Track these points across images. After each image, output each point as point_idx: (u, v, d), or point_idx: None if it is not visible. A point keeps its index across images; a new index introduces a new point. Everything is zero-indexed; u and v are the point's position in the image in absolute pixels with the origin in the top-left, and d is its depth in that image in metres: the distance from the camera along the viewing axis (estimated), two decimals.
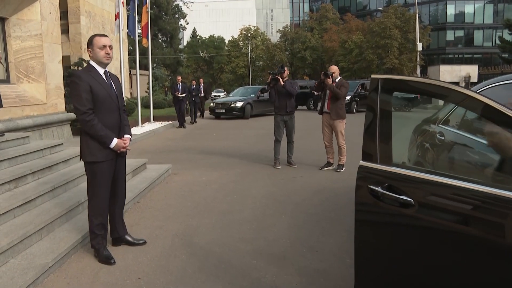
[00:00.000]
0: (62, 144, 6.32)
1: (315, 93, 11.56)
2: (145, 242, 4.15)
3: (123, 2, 13.58)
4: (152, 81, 19.63)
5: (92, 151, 3.61)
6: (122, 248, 4.04)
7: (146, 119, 16.21)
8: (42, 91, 10.41)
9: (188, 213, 5.21)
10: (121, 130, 3.80)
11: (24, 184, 4.72)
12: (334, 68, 7.79)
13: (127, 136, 3.84)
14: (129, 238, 4.08)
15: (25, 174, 4.77)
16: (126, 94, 17.11)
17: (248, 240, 4.29)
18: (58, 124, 10.93)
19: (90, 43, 3.66)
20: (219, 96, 48.04)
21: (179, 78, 16.64)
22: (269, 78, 8.16)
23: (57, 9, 11.04)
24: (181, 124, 16.02)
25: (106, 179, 3.70)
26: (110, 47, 3.68)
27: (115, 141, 3.65)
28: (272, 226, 4.73)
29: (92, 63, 3.69)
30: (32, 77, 10.22)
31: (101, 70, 3.70)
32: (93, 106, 3.55)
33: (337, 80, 7.60)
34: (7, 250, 3.41)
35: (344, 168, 7.63)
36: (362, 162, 2.40)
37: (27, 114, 9.49)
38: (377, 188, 2.29)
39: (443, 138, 3.86)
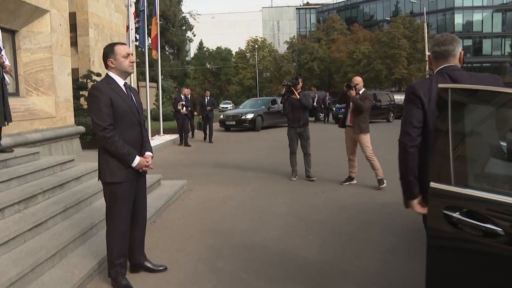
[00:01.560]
0: (73, 160, 6.02)
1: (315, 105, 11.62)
2: (166, 269, 3.81)
3: (134, 14, 13.39)
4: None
5: (112, 170, 3.30)
6: (141, 275, 3.70)
7: (155, 132, 15.94)
8: (51, 104, 10.17)
9: (208, 233, 4.88)
10: (143, 147, 3.49)
11: (35, 204, 4.42)
12: (358, 80, 7.40)
13: (148, 153, 3.53)
14: (149, 265, 3.75)
15: (36, 193, 4.46)
16: None
17: (277, 264, 3.95)
18: (68, 138, 10.67)
19: (110, 52, 3.36)
20: (227, 108, 47.94)
21: (186, 90, 15.10)
22: (283, 90, 7.91)
23: (67, 21, 10.85)
24: (184, 142, 14.13)
25: (127, 201, 3.39)
26: (133, 55, 3.41)
27: (137, 159, 3.35)
28: (300, 248, 4.39)
29: (112, 74, 3.40)
30: (42, 90, 9.99)
31: (121, 82, 3.41)
32: (113, 121, 3.26)
33: (360, 92, 7.22)
34: (17, 281, 3.08)
35: (385, 183, 6.98)
36: (433, 184, 2.07)
37: (36, 128, 9.24)
38: (454, 214, 1.96)
39: None
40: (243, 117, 19.12)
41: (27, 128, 8.87)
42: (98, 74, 15.48)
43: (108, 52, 3.39)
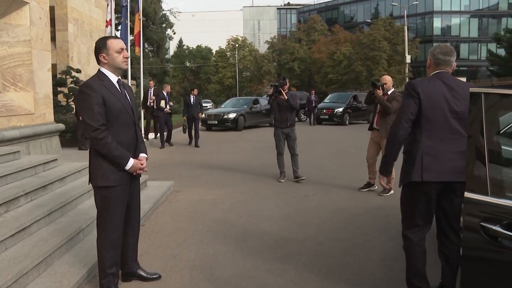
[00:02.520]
0: (56, 159, 5.72)
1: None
2: (160, 277, 3.58)
3: (115, 9, 13.02)
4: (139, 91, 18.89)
5: (104, 173, 3.05)
6: (134, 284, 3.47)
7: None
8: (30, 101, 9.75)
9: (201, 238, 4.66)
10: (137, 148, 3.26)
11: (17, 207, 4.12)
12: (387, 79, 6.79)
13: (143, 155, 3.30)
14: (142, 273, 3.51)
15: (18, 195, 4.17)
16: None
17: (276, 272, 3.76)
18: (47, 136, 10.25)
19: (103, 47, 3.11)
20: (206, 107, 47.51)
21: (168, 87, 14.12)
22: (271, 90, 7.76)
23: (47, 15, 10.43)
24: (167, 140, 13.21)
25: (120, 206, 3.15)
26: (126, 50, 3.17)
27: (131, 162, 3.12)
28: (298, 254, 4.21)
29: (104, 70, 3.15)
30: (20, 86, 9.56)
31: (114, 79, 3.16)
32: (106, 121, 3.02)
33: (389, 93, 6.68)
34: None
35: (391, 191, 6.61)
36: (468, 194, 1.91)
37: (14, 125, 8.82)
38: (493, 227, 1.80)
39: None
40: (225, 117, 18.82)
41: (4, 125, 8.46)
42: (78, 70, 15.06)
43: (101, 46, 3.14)
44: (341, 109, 22.66)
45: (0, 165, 4.85)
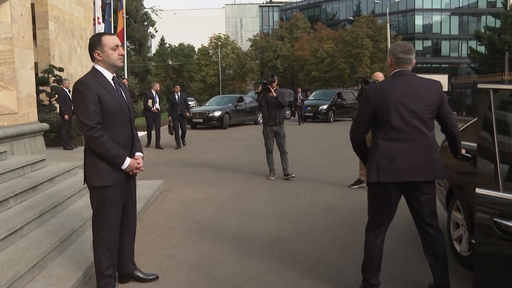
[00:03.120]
0: (44, 159, 5.59)
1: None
2: (157, 277, 3.52)
3: (101, 7, 12.83)
4: None
5: (100, 173, 2.98)
6: (131, 286, 3.40)
7: None
8: (13, 100, 9.53)
9: (195, 238, 4.60)
10: (133, 147, 3.19)
11: (6, 209, 4.01)
12: (378, 75, 6.69)
13: (139, 154, 3.23)
14: (139, 274, 3.44)
15: (7, 197, 4.06)
16: None
17: (275, 271, 3.73)
18: (31, 136, 10.05)
19: (97, 43, 3.02)
20: (189, 105, 47.21)
21: (157, 85, 12.88)
22: (259, 88, 7.73)
23: (29, 12, 10.21)
24: (156, 144, 12.35)
25: (116, 206, 3.08)
26: (122, 47, 3.10)
27: (128, 161, 3.04)
28: (295, 253, 4.18)
29: (99, 67, 3.06)
30: (2, 84, 9.34)
31: (109, 76, 3.08)
32: (101, 120, 2.94)
33: None
34: None
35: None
36: (479, 190, 1.90)
37: None
38: (507, 223, 1.79)
39: None
40: (210, 115, 18.73)
41: None
42: (61, 69, 14.82)
43: (95, 43, 3.05)
44: (325, 106, 22.74)
45: None
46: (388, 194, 3.00)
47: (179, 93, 12.60)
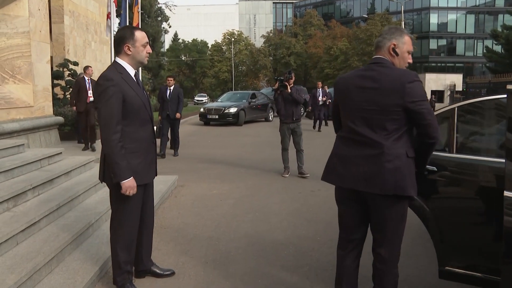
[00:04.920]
0: (61, 153, 5.62)
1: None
2: (173, 273, 3.51)
3: (115, 1, 12.84)
4: None
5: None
6: (147, 280, 3.39)
7: None
8: (29, 93, 9.61)
9: (211, 234, 4.59)
10: (155, 145, 3.17)
11: (24, 202, 4.04)
12: None
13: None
14: (156, 270, 3.43)
15: (25, 190, 4.08)
16: None
17: (291, 269, 3.70)
18: (46, 129, 10.13)
19: (129, 37, 2.91)
20: (202, 100, 47.36)
21: (171, 80, 10.20)
22: (276, 84, 7.66)
23: (46, 6, 10.27)
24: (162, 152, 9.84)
25: (138, 205, 3.05)
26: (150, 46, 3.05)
27: (129, 180, 2.85)
28: (311, 251, 4.16)
29: (122, 62, 2.95)
30: (19, 78, 9.42)
31: (132, 72, 2.97)
32: (122, 119, 2.83)
33: None
34: None
35: None
36: (507, 193, 1.86)
37: (13, 118, 8.69)
38: None
39: None
40: (226, 111, 18.47)
41: (3, 118, 8.34)
42: (75, 63, 14.91)
43: (127, 36, 2.92)
44: None
45: (5, 158, 4.76)
46: (341, 200, 2.70)
47: (171, 88, 10.04)
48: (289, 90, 7.51)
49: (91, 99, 9.80)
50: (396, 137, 2.39)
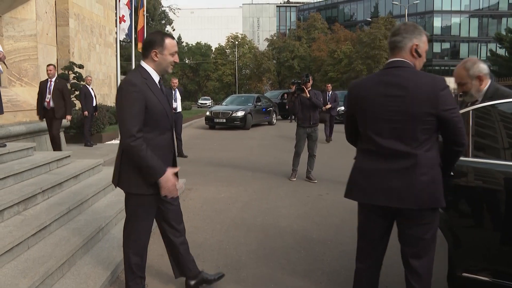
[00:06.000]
0: (69, 156, 5.60)
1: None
2: (223, 275, 3.43)
3: (128, 4, 12.85)
4: None
5: (140, 181, 2.80)
6: (159, 285, 3.35)
7: None
8: (35, 96, 9.62)
9: (221, 238, 4.56)
10: (175, 152, 3.11)
11: (34, 205, 4.02)
12: None
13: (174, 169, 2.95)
14: (207, 276, 3.32)
15: (35, 193, 4.06)
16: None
17: (303, 274, 3.67)
18: None
19: (159, 43, 2.79)
20: (206, 104, 47.38)
21: (175, 81, 10.48)
22: (293, 88, 7.58)
23: (53, 9, 10.32)
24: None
25: (152, 213, 2.98)
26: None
27: (166, 174, 2.76)
28: (323, 255, 4.12)
29: (148, 67, 2.83)
30: (25, 80, 9.45)
31: (156, 78, 2.86)
32: (143, 126, 2.72)
33: None
34: None
35: None
36: None
37: (20, 120, 8.72)
38: None
39: None
40: (234, 115, 18.24)
41: (10, 120, 8.35)
42: (81, 66, 14.91)
43: (157, 42, 2.80)
44: (343, 108, 22.55)
45: (15, 161, 4.75)
46: (365, 217, 2.49)
47: (176, 90, 10.17)
48: (308, 94, 7.40)
49: (51, 104, 8.82)
50: (428, 147, 2.25)
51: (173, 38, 2.91)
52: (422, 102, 2.18)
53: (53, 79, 8.85)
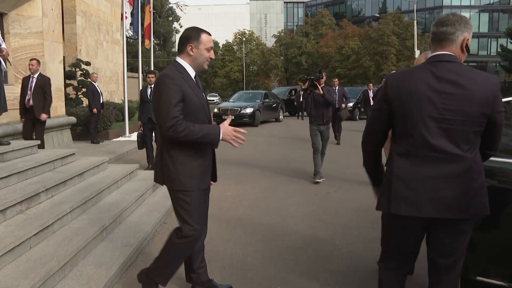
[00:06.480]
0: (74, 154, 5.54)
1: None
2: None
3: (130, 1, 12.80)
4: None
5: (183, 178, 2.74)
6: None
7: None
8: None
9: (227, 237, 4.48)
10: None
11: (38, 204, 3.96)
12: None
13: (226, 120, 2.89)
14: (216, 285, 3.23)
15: (39, 191, 4.01)
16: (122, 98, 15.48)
17: (311, 275, 3.58)
18: (58, 129, 10.13)
19: (195, 38, 2.75)
20: (213, 100, 47.32)
21: (152, 77, 8.32)
22: (306, 84, 7.44)
23: (59, 6, 10.28)
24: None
25: (203, 209, 2.93)
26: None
27: (221, 129, 2.72)
28: (330, 255, 4.03)
29: (183, 62, 2.78)
30: None
31: (192, 74, 2.80)
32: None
33: None
34: None
35: None
36: None
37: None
38: None
39: None
40: (242, 112, 18.04)
41: (17, 118, 8.32)
42: (88, 63, 14.90)
43: (193, 36, 2.76)
44: (351, 104, 22.37)
45: (19, 159, 4.70)
46: (406, 227, 2.19)
47: (152, 86, 8.11)
48: (321, 91, 7.22)
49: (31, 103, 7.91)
50: (476, 151, 2.08)
51: (209, 34, 2.85)
52: (480, 102, 1.98)
53: (36, 75, 8.02)
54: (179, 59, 2.81)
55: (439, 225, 2.13)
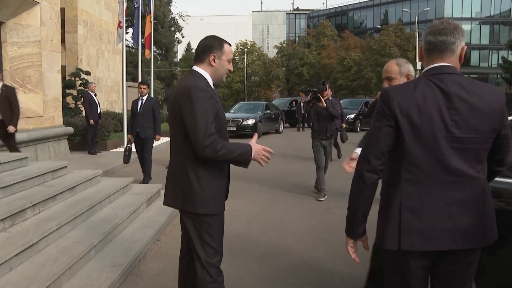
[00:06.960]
0: (66, 166, 5.36)
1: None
2: None
3: (125, 10, 12.70)
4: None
5: (210, 200, 2.53)
6: None
7: None
8: (39, 103, 9.48)
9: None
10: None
11: (23, 221, 3.77)
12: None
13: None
14: None
15: (25, 207, 3.82)
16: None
17: None
18: (55, 139, 9.97)
19: (218, 48, 2.54)
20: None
21: (144, 88, 7.95)
22: (309, 96, 7.21)
23: (58, 15, 10.17)
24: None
25: (222, 231, 2.76)
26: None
27: (253, 146, 2.53)
28: (331, 277, 3.83)
29: (203, 72, 2.53)
30: (29, 87, 9.29)
31: (212, 85, 2.58)
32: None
33: None
34: None
35: None
36: None
37: (22, 128, 8.52)
38: None
39: None
40: (244, 123, 17.79)
41: None
42: (88, 73, 14.80)
43: (215, 46, 2.55)
44: (352, 116, 22.22)
45: (7, 172, 4.52)
46: (415, 265, 1.88)
47: (144, 98, 7.82)
48: (324, 104, 6.93)
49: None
50: (484, 170, 1.87)
51: (230, 44, 2.65)
52: (489, 116, 1.81)
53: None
54: (199, 69, 2.54)
55: (449, 256, 1.87)
